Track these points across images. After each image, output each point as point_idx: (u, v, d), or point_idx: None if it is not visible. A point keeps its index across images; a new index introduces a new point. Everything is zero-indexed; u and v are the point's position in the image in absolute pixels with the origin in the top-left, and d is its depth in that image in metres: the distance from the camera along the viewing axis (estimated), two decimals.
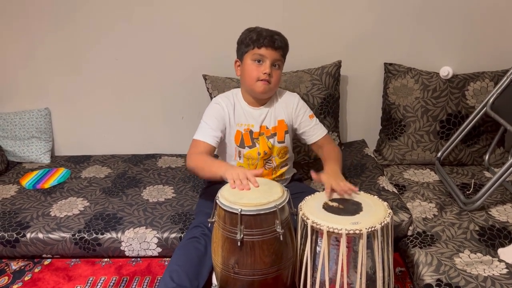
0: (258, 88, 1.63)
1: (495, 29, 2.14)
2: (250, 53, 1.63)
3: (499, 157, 2.11)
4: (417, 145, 2.12)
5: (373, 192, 1.82)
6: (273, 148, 1.72)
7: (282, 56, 1.66)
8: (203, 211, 1.61)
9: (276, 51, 1.62)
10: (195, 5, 2.17)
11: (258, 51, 1.61)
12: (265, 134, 1.71)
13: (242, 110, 1.71)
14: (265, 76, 1.61)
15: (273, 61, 1.62)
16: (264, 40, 1.60)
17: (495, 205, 1.77)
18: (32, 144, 2.33)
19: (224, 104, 1.69)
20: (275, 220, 1.28)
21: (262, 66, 1.62)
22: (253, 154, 1.70)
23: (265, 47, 1.60)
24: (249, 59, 1.63)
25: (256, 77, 1.62)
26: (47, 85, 2.35)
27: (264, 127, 1.71)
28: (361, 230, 1.21)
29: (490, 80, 2.08)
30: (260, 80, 1.62)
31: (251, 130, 1.69)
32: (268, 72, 1.61)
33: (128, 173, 2.16)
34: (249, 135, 1.69)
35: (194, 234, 1.50)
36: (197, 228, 1.53)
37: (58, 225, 1.72)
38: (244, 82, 1.69)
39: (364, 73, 2.25)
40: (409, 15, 2.15)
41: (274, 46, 1.61)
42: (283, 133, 1.72)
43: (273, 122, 1.72)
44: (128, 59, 2.28)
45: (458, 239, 1.58)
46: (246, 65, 1.64)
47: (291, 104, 1.75)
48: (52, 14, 2.22)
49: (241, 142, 1.69)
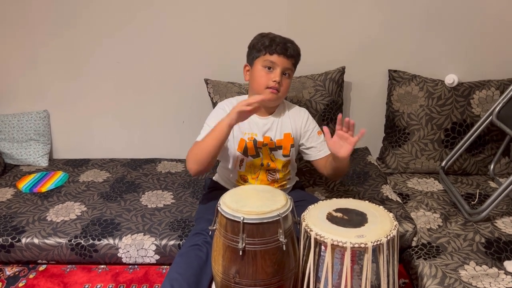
0: (266, 95, 1.57)
1: (501, 37, 2.12)
2: (261, 59, 1.59)
3: (505, 167, 2.08)
4: (421, 153, 2.09)
5: (376, 201, 1.79)
6: (277, 161, 1.67)
7: (293, 65, 1.62)
8: (204, 217, 1.57)
9: (288, 59, 1.58)
10: (197, 9, 2.15)
11: (270, 58, 1.57)
12: (269, 146, 1.65)
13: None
14: (274, 84, 1.57)
15: (284, 69, 1.58)
16: (277, 47, 1.56)
17: (501, 217, 1.74)
18: (30, 146, 2.30)
19: (229, 109, 1.63)
20: (278, 229, 1.24)
21: (272, 73, 1.57)
22: (257, 163, 1.65)
23: (278, 54, 1.56)
24: (260, 65, 1.59)
25: (265, 84, 1.58)
26: (46, 87, 2.31)
27: (268, 138, 1.66)
28: (367, 244, 1.17)
29: (496, 89, 2.05)
30: (268, 88, 1.58)
31: (255, 139, 1.64)
32: (278, 80, 1.56)
33: (127, 177, 2.12)
34: (253, 144, 1.64)
35: (196, 242, 1.45)
36: (198, 235, 1.49)
37: (54, 230, 1.68)
38: (252, 87, 1.65)
39: (368, 79, 2.22)
40: (415, 22, 2.13)
41: (287, 54, 1.57)
42: (289, 146, 1.67)
43: (279, 134, 1.67)
44: (129, 62, 2.25)
45: (463, 251, 1.54)
46: (256, 70, 1.60)
47: (300, 118, 1.70)
48: (53, 17, 2.19)
49: (245, 150, 1.64)
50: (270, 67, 1.58)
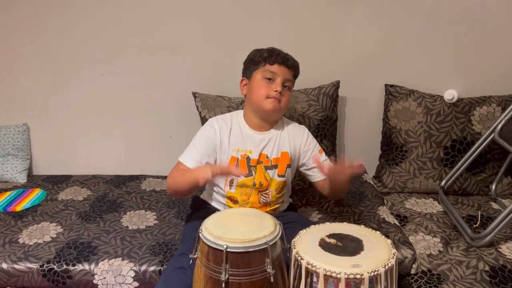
0: (267, 105, 1.50)
1: (502, 52, 2.04)
2: (260, 70, 1.53)
3: (507, 187, 1.98)
4: (419, 172, 1.99)
5: (372, 224, 1.68)
6: (271, 181, 1.56)
7: (293, 77, 1.57)
8: (190, 236, 1.44)
9: (289, 70, 1.54)
10: (185, 21, 2.07)
11: (270, 68, 1.51)
12: (264, 164, 1.55)
13: (241, 134, 1.56)
14: (276, 94, 1.49)
15: (284, 80, 1.52)
16: (277, 57, 1.52)
17: (505, 241, 1.63)
18: (7, 162, 2.18)
19: (218, 127, 1.55)
20: (265, 258, 1.13)
21: (273, 84, 1.51)
22: (248, 183, 1.53)
23: (278, 64, 1.51)
24: (259, 76, 1.53)
25: (265, 94, 1.50)
26: (26, 99, 2.21)
27: (265, 155, 1.55)
28: (363, 275, 1.06)
29: (497, 105, 1.96)
30: (269, 98, 1.50)
31: (249, 156, 1.54)
32: (279, 90, 1.50)
33: (109, 195, 2.00)
34: (245, 162, 1.53)
35: (181, 264, 1.33)
36: (183, 256, 1.36)
37: (26, 254, 1.55)
38: (251, 100, 1.55)
39: (363, 94, 2.14)
40: (412, 35, 2.05)
41: (288, 64, 1.53)
42: (284, 166, 1.57)
43: (276, 153, 1.57)
44: (114, 74, 2.15)
45: (467, 280, 1.43)
46: (255, 81, 1.53)
47: (299, 137, 1.61)
48: (34, 26, 2.11)
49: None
50: (270, 78, 1.52)
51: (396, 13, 2.03)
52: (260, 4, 2.04)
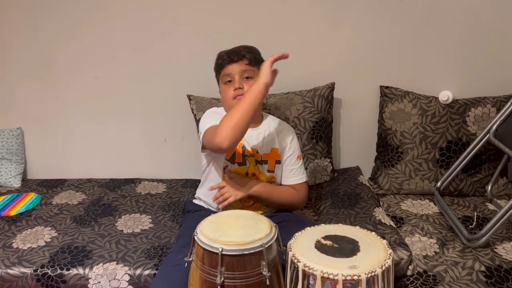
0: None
1: (497, 52, 2.04)
2: (220, 78, 1.62)
3: (502, 188, 1.98)
4: (415, 173, 1.99)
5: (368, 225, 1.68)
6: (261, 175, 1.60)
7: (249, 65, 1.58)
8: (187, 232, 1.43)
9: (238, 63, 1.57)
10: (179, 24, 2.08)
11: (223, 72, 1.59)
12: (255, 158, 1.59)
13: None
14: (236, 92, 1.55)
15: (241, 73, 1.56)
16: (224, 58, 1.59)
17: (501, 242, 1.63)
18: (1, 166, 2.17)
19: (220, 113, 1.58)
20: (261, 261, 1.12)
21: (232, 84, 1.57)
22: (242, 172, 1.58)
23: (226, 64, 1.58)
24: (221, 83, 1.61)
25: (230, 97, 1.56)
26: (20, 103, 2.20)
27: (255, 150, 1.59)
28: (360, 276, 1.05)
29: (492, 106, 1.96)
30: (234, 98, 1.54)
31: (244, 146, 1.59)
32: (237, 86, 1.55)
33: (104, 199, 1.99)
34: (241, 151, 1.58)
35: (177, 262, 1.33)
36: (179, 253, 1.36)
37: (19, 259, 1.54)
38: (225, 106, 1.63)
39: (358, 96, 2.14)
40: (407, 37, 2.05)
41: (234, 60, 1.57)
42: (273, 162, 1.62)
43: (266, 149, 1.61)
44: (108, 77, 2.15)
45: (462, 281, 1.43)
46: (221, 89, 1.62)
47: (286, 137, 1.66)
48: (29, 31, 2.11)
49: (232, 157, 1.58)
50: (229, 80, 1.58)
51: (390, 15, 2.03)
52: (255, 8, 2.04)
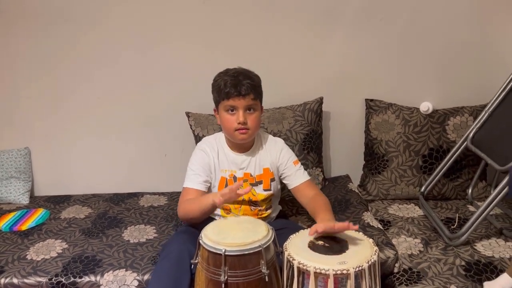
0: (237, 137, 1.62)
1: (472, 65, 2.19)
2: (222, 104, 1.61)
3: (482, 191, 2.12)
4: (400, 179, 2.12)
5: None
6: (258, 196, 1.69)
7: (254, 99, 1.60)
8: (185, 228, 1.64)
9: (245, 98, 1.57)
10: (178, 43, 2.19)
11: (228, 103, 1.58)
12: (249, 181, 1.68)
13: (225, 156, 1.70)
14: (240, 126, 1.59)
15: (245, 107, 1.59)
16: (230, 90, 1.56)
17: (480, 240, 1.76)
18: (10, 184, 2.27)
19: (209, 149, 1.69)
20: (260, 260, 1.25)
21: (236, 115, 1.59)
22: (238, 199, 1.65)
23: (233, 97, 1.57)
24: (223, 110, 1.61)
25: (232, 127, 1.60)
26: (27, 124, 2.31)
27: (248, 174, 1.69)
28: (349, 270, 1.18)
29: (469, 115, 2.11)
30: (237, 130, 1.60)
31: (235, 176, 1.68)
32: (241, 121, 1.58)
33: (109, 213, 2.11)
34: (233, 181, 1.67)
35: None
36: (176, 241, 1.54)
37: (34, 269, 1.65)
38: (224, 130, 1.68)
39: (345, 109, 2.27)
40: (389, 53, 2.20)
41: (242, 94, 1.56)
42: (268, 181, 1.70)
43: (258, 170, 1.70)
44: (110, 97, 2.27)
45: (444, 275, 1.56)
46: (222, 114, 1.63)
47: (274, 151, 1.72)
48: (35, 54, 2.22)
49: (226, 187, 1.64)
50: (232, 109, 1.59)
51: (373, 32, 2.17)
52: (247, 28, 2.17)
